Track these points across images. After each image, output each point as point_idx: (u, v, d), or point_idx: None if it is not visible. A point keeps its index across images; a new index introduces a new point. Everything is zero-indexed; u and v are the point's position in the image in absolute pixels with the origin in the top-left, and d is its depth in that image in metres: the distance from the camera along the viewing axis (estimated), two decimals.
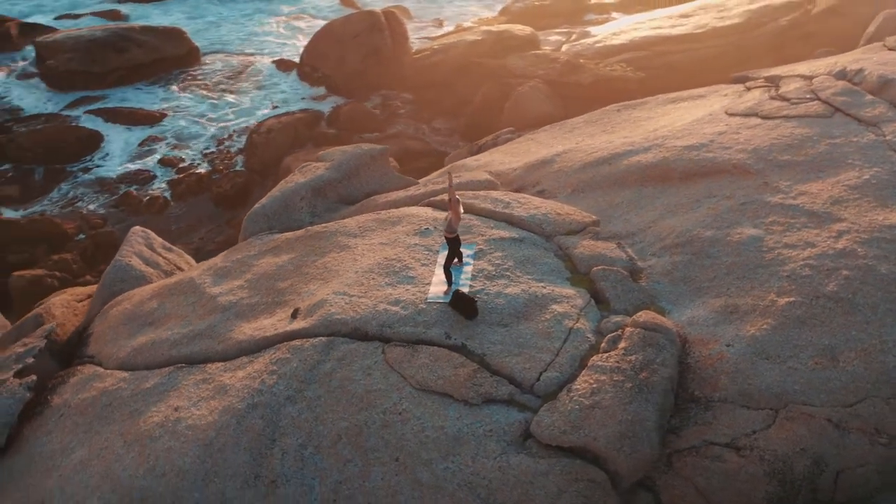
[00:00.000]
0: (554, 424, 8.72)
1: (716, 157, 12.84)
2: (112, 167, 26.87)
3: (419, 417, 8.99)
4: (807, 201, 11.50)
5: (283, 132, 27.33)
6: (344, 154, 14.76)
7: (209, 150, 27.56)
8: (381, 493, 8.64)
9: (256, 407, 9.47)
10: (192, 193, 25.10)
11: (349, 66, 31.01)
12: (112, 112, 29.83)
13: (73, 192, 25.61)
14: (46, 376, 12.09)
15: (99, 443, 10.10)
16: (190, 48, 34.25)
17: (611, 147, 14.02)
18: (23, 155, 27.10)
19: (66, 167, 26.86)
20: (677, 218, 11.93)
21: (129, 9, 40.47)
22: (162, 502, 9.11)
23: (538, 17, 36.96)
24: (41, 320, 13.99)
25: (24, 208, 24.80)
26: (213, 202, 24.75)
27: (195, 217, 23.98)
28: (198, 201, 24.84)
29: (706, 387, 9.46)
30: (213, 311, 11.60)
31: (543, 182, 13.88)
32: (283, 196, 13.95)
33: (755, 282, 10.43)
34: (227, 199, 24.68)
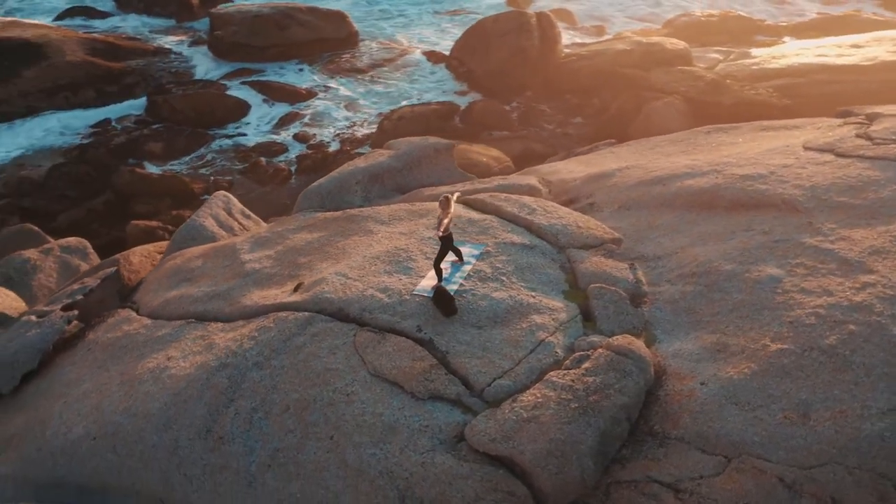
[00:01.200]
0: (486, 431, 8.62)
1: (768, 190, 12.09)
2: (251, 137, 28.47)
3: (363, 402, 9.14)
4: (844, 247, 10.64)
5: (414, 121, 27.97)
6: (409, 144, 15.03)
7: (342, 131, 28.61)
8: (311, 467, 8.87)
9: (226, 367, 9.95)
10: (314, 169, 26.17)
11: (493, 65, 31.27)
12: (264, 85, 31.57)
13: (210, 155, 27.38)
14: (100, 314, 13.19)
15: (103, 379, 10.92)
16: (349, 32, 35.62)
17: (671, 168, 13.49)
18: (174, 116, 29.25)
19: (210, 131, 28.71)
20: (706, 247, 11.36)
21: None
22: (127, 439, 9.77)
23: (703, 33, 35.68)
24: (117, 265, 15.20)
25: (164, 165, 26.76)
26: None
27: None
28: (318, 177, 25.79)
29: (667, 422, 9.02)
30: (237, 276, 12.21)
31: (596, 195, 13.57)
32: (341, 178, 14.41)
33: (755, 323, 9.80)
34: None
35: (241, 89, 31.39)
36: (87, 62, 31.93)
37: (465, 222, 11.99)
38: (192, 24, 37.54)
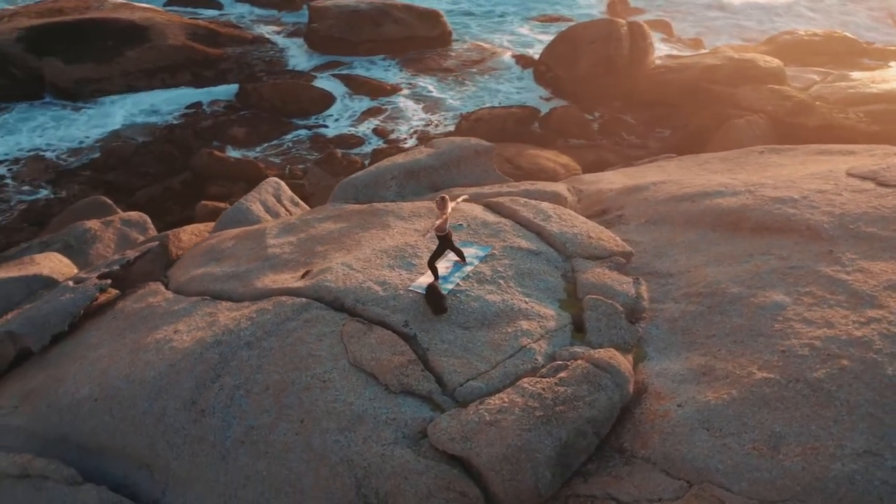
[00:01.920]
0: (447, 430, 8.66)
1: (795, 215, 11.64)
2: (331, 128, 29.15)
3: (338, 389, 9.31)
4: (859, 279, 10.17)
5: (492, 123, 28.04)
6: (450, 144, 15.13)
7: (420, 128, 28.94)
8: (279, 447, 9.11)
9: (220, 344, 10.29)
10: None
11: (580, 72, 31.02)
12: (350, 79, 32.23)
13: (289, 143, 28.17)
14: (134, 285, 13.81)
15: (117, 345, 11.45)
16: (443, 31, 35.96)
17: (704, 185, 13.15)
18: (261, 103, 30.20)
19: (293, 121, 29.51)
20: (719, 268, 11.05)
21: None
22: (122, 403, 10.23)
23: (804, 52, 34.41)
24: (165, 240, 15.87)
25: (244, 150, 27.68)
26: None
27: None
28: None
29: (637, 441, 8.85)
30: (258, 259, 12.58)
31: (627, 207, 13.36)
32: (377, 172, 14.65)
33: (748, 349, 9.49)
34: None
35: (328, 81, 32.15)
36: (186, 46, 33.31)
37: (478, 224, 12.01)
38: (293, 16, 38.64)
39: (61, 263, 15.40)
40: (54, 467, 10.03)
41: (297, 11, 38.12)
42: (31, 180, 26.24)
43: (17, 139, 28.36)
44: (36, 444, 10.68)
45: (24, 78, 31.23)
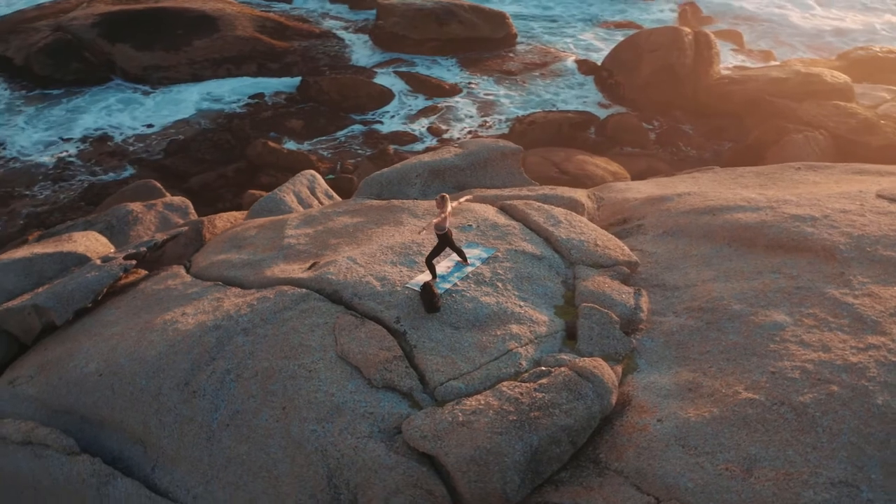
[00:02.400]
0: (420, 427, 8.69)
1: (812, 234, 11.30)
2: (387, 124, 29.39)
3: (321, 380, 9.44)
4: (865, 304, 9.83)
5: (546, 127, 27.88)
6: (478, 145, 15.13)
7: (474, 129, 28.97)
8: (261, 432, 9.30)
9: (219, 328, 10.53)
10: None
11: (640, 79, 30.57)
12: (411, 77, 32.44)
13: (344, 137, 28.53)
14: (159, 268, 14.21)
15: (130, 324, 11.80)
16: (508, 33, 35.86)
17: (728, 199, 12.86)
18: (321, 97, 30.64)
19: (351, 115, 29.84)
20: (726, 284, 10.80)
21: None
22: (123, 379, 10.55)
23: (879, 69, 33.15)
24: (199, 226, 16.28)
25: (299, 142, 28.14)
26: None
27: None
28: None
29: (612, 453, 8.74)
30: (274, 249, 12.80)
31: (648, 217, 13.16)
32: (402, 169, 14.75)
33: (738, 368, 9.27)
34: None
35: (389, 78, 32.44)
36: (254, 38, 34.00)
37: (488, 225, 11.99)
38: (363, 13, 39.08)
39: (98, 242, 15.89)
40: (55, 437, 10.39)
41: (371, 9, 38.41)
42: (95, 161, 27.18)
43: (86, 121, 29.41)
44: (44, 414, 11.07)
45: (97, 63, 32.34)
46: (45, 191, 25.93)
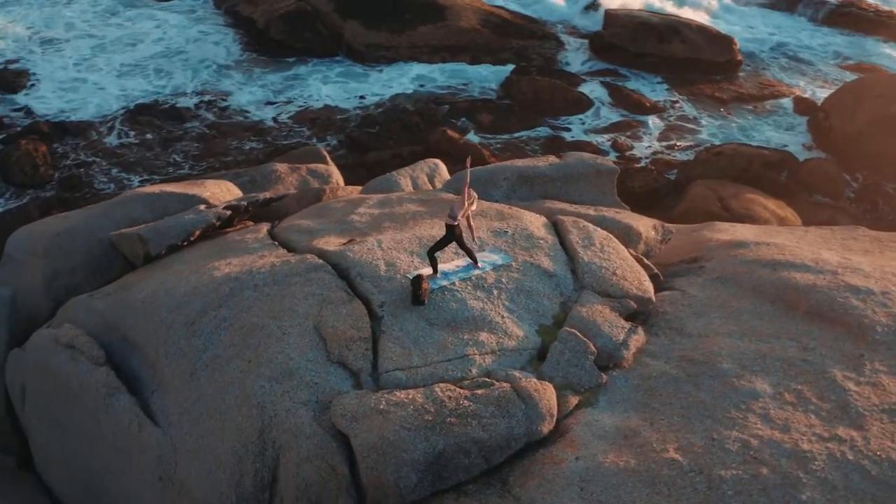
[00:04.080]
0: (345, 406, 9.00)
1: (856, 309, 10.14)
2: (573, 132, 29.30)
3: (288, 343, 9.97)
4: (862, 393, 8.76)
5: (733, 160, 26.43)
6: (575, 158, 14.89)
7: (660, 151, 28.13)
8: (226, 380, 10.05)
9: (237, 280, 11.36)
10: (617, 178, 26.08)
11: (854, 126, 28.02)
12: (615, 89, 31.98)
13: (526, 138, 28.79)
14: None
15: (192, 266, 12.91)
16: (731, 59, 34.19)
17: (799, 257, 11.76)
18: (518, 95, 31.12)
19: (542, 118, 30.03)
20: (735, 341, 10.00)
21: (723, 10, 41.29)
22: (153, 308, 11.69)
23: None
24: (321, 193, 17.37)
25: (482, 135, 28.80)
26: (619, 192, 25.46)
27: None
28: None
29: (521, 479, 8.57)
30: (337, 222, 13.43)
31: (714, 261, 12.36)
32: (492, 170, 14.89)
33: (686, 426, 8.66)
34: (632, 195, 25.25)
35: (593, 87, 32.15)
36: (475, 31, 35.01)
37: (523, 236, 11.87)
38: (592, 20, 38.78)
39: (227, 192, 17.36)
40: (89, 346, 11.74)
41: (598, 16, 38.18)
42: (298, 124, 29.46)
43: (303, 87, 31.91)
44: (100, 327, 12.44)
45: (327, 35, 34.88)
46: (246, 143, 28.51)
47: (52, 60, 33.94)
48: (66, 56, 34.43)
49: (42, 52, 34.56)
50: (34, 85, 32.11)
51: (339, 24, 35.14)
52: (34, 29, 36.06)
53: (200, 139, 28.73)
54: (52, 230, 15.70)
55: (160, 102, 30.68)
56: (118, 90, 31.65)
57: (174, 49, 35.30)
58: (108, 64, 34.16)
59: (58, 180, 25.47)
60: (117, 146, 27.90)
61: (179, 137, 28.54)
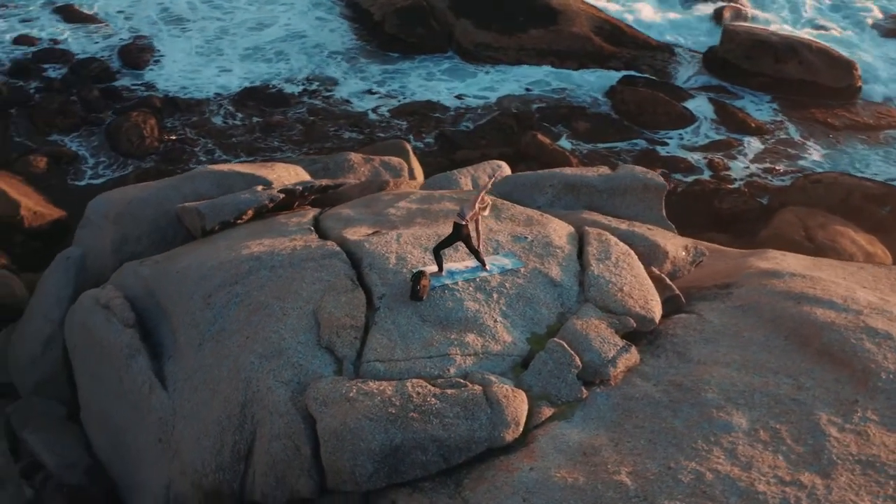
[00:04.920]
0: (318, 390, 9.28)
1: (867, 352, 9.56)
2: (671, 147, 28.55)
3: (286, 324, 10.32)
4: (843, 441, 8.31)
5: (833, 189, 25.10)
6: (623, 171, 14.63)
7: (756, 174, 27.10)
8: (224, 353, 10.53)
9: (258, 260, 11.81)
10: (696, 197, 25.42)
11: None
12: (721, 107, 30.91)
13: (620, 150, 28.32)
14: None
15: (233, 242, 13.41)
16: (850, 85, 32.35)
17: (829, 291, 11.17)
18: (619, 105, 30.62)
19: (640, 130, 29.47)
20: (732, 372, 9.64)
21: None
22: (182, 278, 12.32)
23: None
24: (384, 185, 17.74)
25: (574, 142, 28.58)
26: (705, 212, 24.81)
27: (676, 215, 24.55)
28: (696, 204, 25.15)
29: (473, 482, 8.63)
30: (375, 214, 13.68)
31: (743, 288, 11.83)
32: (539, 176, 14.86)
33: (649, 452, 8.46)
34: (717, 216, 24.55)
35: (699, 103, 31.17)
36: (586, 37, 34.60)
37: (542, 243, 11.76)
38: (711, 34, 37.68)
39: (294, 176, 17.94)
40: (122, 308, 12.46)
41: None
42: (396, 119, 29.96)
43: (406, 83, 32.43)
44: (142, 292, 13.15)
45: (438, 32, 35.21)
46: (345, 133, 29.21)
47: (177, 39, 35.69)
48: (192, 36, 36.12)
49: (169, 30, 36.37)
50: (158, 62, 33.79)
51: (452, 21, 35.45)
52: (163, 6, 37.92)
53: (301, 125, 29.61)
54: (126, 198, 16.66)
55: (268, 86, 31.77)
56: (235, 72, 32.91)
57: (294, 34, 36.46)
58: (231, 45, 35.58)
59: (160, 153, 26.78)
60: (222, 126, 29.11)
61: (281, 122, 29.49)
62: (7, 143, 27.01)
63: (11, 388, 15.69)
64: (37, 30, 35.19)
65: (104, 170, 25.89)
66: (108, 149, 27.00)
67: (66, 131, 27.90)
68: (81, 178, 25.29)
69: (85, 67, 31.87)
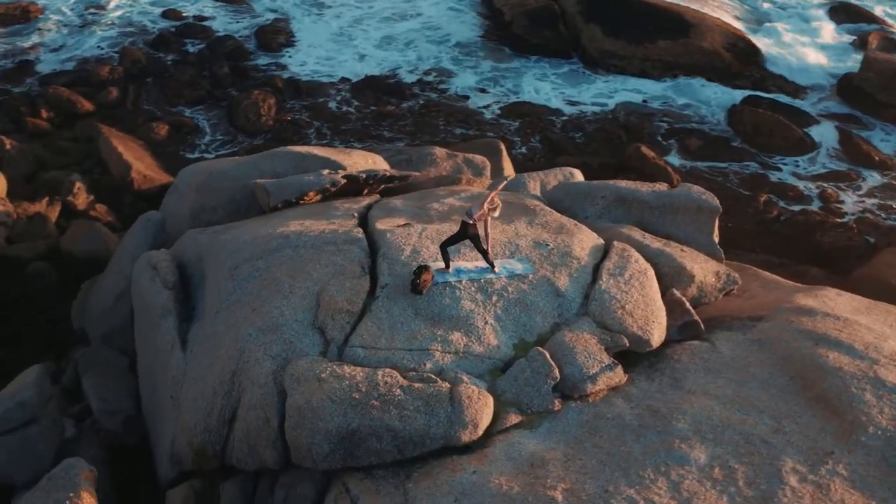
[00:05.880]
0: (296, 367, 9.68)
1: (863, 404, 8.89)
2: (783, 174, 27.39)
3: (290, 302, 10.78)
4: (800, 492, 7.87)
5: None
6: (680, 189, 14.20)
7: (870, 209, 25.57)
8: (231, 322, 11.15)
9: (287, 239, 12.30)
10: (799, 227, 24.27)
11: None
12: (846, 137, 29.22)
13: (728, 170, 27.39)
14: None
15: (275, 221, 13.84)
16: None
17: (855, 337, 10.54)
18: (737, 126, 29.63)
19: (755, 152, 28.40)
20: (718, 406, 9.26)
21: None
22: (222, 251, 12.92)
23: None
24: (457, 180, 18.00)
25: (684, 158, 27.85)
26: (805, 243, 23.70)
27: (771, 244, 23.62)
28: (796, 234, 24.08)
29: (421, 476, 8.77)
30: (417, 207, 13.90)
31: (770, 322, 11.34)
32: (592, 186, 14.65)
33: (593, 474, 8.32)
34: (817, 249, 23.42)
35: (823, 130, 29.63)
36: (715, 53, 33.47)
37: (561, 253, 11.60)
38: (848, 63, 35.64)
39: (371, 164, 18.42)
40: (165, 270, 13.26)
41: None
42: (506, 118, 30.06)
43: (523, 84, 32.45)
44: (193, 257, 13.89)
45: (565, 37, 34.97)
46: (456, 128, 29.60)
47: (314, 25, 37.05)
48: (329, 22, 37.42)
49: (308, 15, 37.81)
50: (293, 45, 35.27)
51: (581, 26, 35.14)
52: None
53: (413, 117, 30.22)
54: (209, 169, 17.63)
55: (389, 76, 32.58)
56: (363, 60, 33.95)
57: (428, 26, 37.11)
58: (366, 34, 36.68)
59: (273, 131, 27.99)
60: (336, 111, 30.11)
61: (393, 112, 30.19)
62: (137, 110, 28.97)
63: (84, 336, 16.88)
64: (188, 5, 37.45)
65: (217, 143, 27.32)
66: (227, 123, 28.49)
67: (191, 103, 29.66)
68: (194, 150, 26.79)
69: (221, 44, 33.67)
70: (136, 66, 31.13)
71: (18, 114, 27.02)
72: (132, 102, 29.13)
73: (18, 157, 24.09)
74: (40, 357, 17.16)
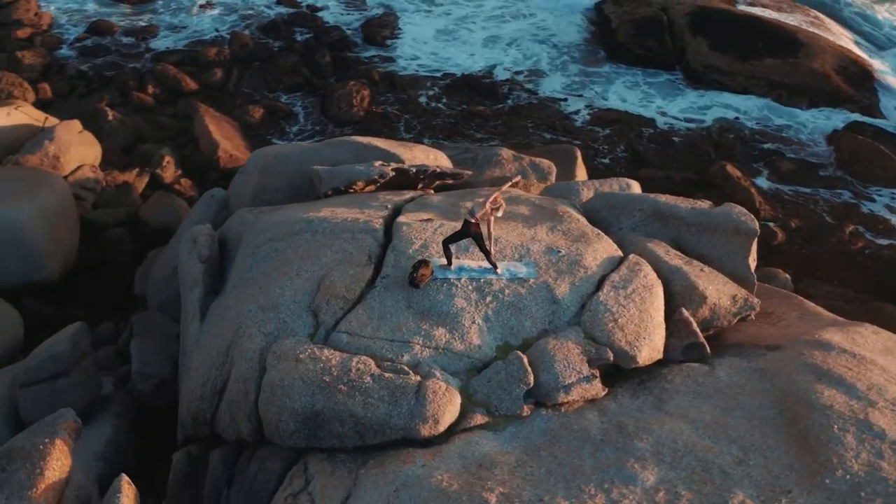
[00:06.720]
0: (280, 346, 10.06)
1: (840, 447, 8.42)
2: (875, 206, 26.12)
3: (294, 284, 11.16)
4: None
5: None
6: (721, 209, 13.78)
7: None
8: (238, 297, 11.63)
9: (310, 224, 12.70)
10: (883, 262, 23.08)
11: None
12: None
13: (818, 196, 26.34)
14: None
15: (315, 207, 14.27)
16: None
17: (859, 375, 10.07)
18: (836, 152, 28.54)
19: (848, 179, 27.21)
20: (689, 431, 9.01)
21: None
22: (249, 234, 13.39)
23: None
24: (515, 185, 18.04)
25: (771, 182, 26.92)
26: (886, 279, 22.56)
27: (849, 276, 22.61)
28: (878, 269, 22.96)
29: (373, 463, 8.99)
30: (450, 204, 14.06)
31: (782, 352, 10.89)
32: (631, 198, 14.40)
33: (535, 482, 8.28)
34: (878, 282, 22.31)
35: None
36: (825, 76, 32.00)
37: (571, 261, 11.49)
38: None
39: (432, 159, 18.66)
40: (204, 245, 13.80)
41: None
42: (594, 125, 29.77)
43: (617, 92, 32.03)
44: (236, 235, 14.38)
45: (670, 48, 34.16)
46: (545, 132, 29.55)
47: (423, 20, 37.59)
48: (437, 18, 37.90)
49: (417, 11, 38.37)
50: (398, 38, 35.91)
51: (687, 39, 34.31)
52: None
53: (503, 118, 30.31)
54: (276, 153, 18.28)
55: (483, 75, 32.75)
56: (465, 57, 34.25)
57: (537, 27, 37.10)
58: (472, 32, 36.97)
59: (361, 122, 28.61)
60: (427, 106, 30.51)
61: (482, 113, 30.34)
62: (237, 92, 30.19)
63: (145, 302, 17.83)
64: None
65: (307, 132, 28.15)
66: (320, 112, 29.32)
67: (289, 90, 30.68)
68: (283, 136, 27.70)
69: (327, 34, 34.62)
70: (244, 50, 32.36)
71: (126, 88, 28.60)
72: (234, 84, 30.34)
73: (119, 129, 25.54)
74: (106, 318, 18.35)
